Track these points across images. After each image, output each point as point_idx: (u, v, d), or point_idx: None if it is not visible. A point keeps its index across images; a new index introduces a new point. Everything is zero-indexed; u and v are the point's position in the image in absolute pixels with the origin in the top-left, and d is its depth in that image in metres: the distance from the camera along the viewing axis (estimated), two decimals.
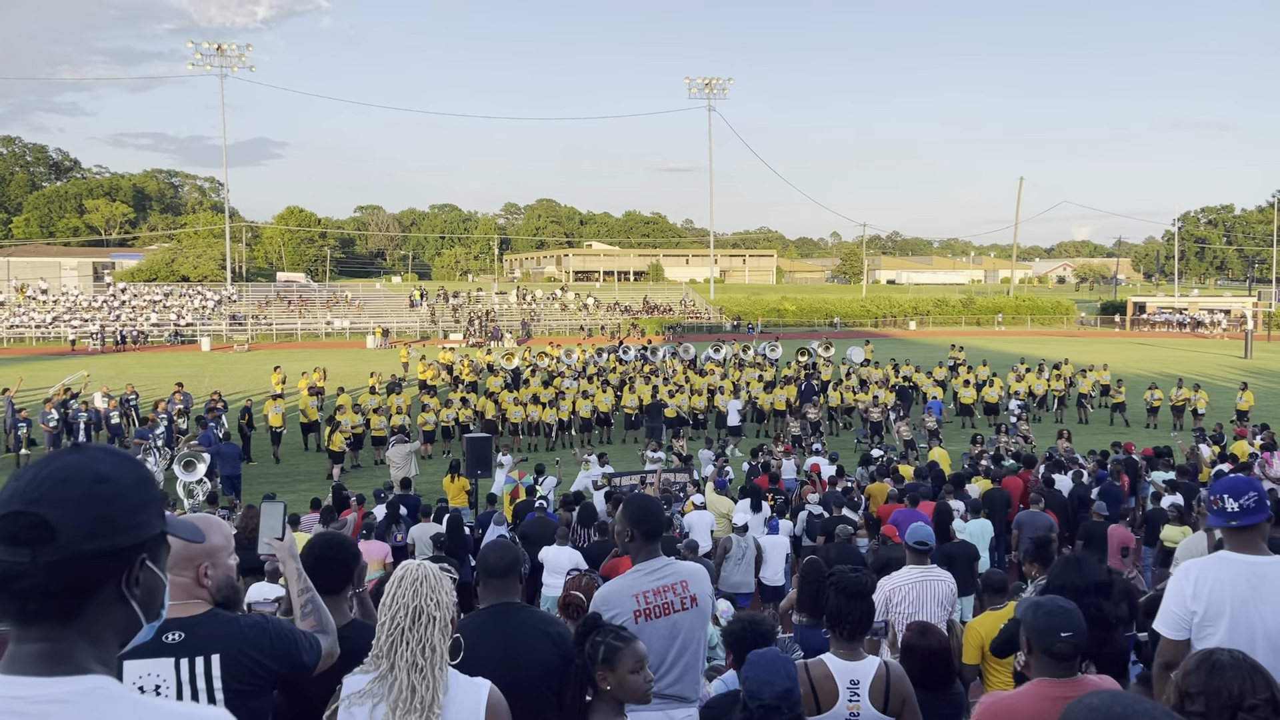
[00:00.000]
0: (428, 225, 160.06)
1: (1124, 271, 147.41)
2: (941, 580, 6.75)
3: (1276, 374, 41.79)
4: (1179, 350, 54.90)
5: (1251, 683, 2.39)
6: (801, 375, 30.12)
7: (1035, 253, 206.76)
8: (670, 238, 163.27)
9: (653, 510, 4.03)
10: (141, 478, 1.55)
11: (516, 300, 73.11)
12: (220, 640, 2.74)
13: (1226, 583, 3.66)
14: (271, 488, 19.24)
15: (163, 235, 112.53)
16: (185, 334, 58.53)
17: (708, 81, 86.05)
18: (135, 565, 1.51)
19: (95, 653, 1.48)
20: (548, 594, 10.52)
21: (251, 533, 11.62)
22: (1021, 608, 3.57)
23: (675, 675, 3.82)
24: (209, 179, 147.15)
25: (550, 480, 15.86)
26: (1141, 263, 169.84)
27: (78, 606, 1.46)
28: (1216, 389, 32.22)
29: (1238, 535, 3.75)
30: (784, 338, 47.33)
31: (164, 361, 45.53)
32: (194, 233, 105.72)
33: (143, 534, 1.52)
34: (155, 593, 1.57)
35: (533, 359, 34.50)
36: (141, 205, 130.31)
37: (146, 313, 61.57)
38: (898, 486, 13.89)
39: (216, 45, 71.99)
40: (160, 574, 1.58)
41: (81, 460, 1.50)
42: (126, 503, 1.50)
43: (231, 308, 65.13)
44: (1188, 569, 3.82)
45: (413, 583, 2.72)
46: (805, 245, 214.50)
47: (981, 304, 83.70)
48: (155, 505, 1.56)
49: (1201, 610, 3.67)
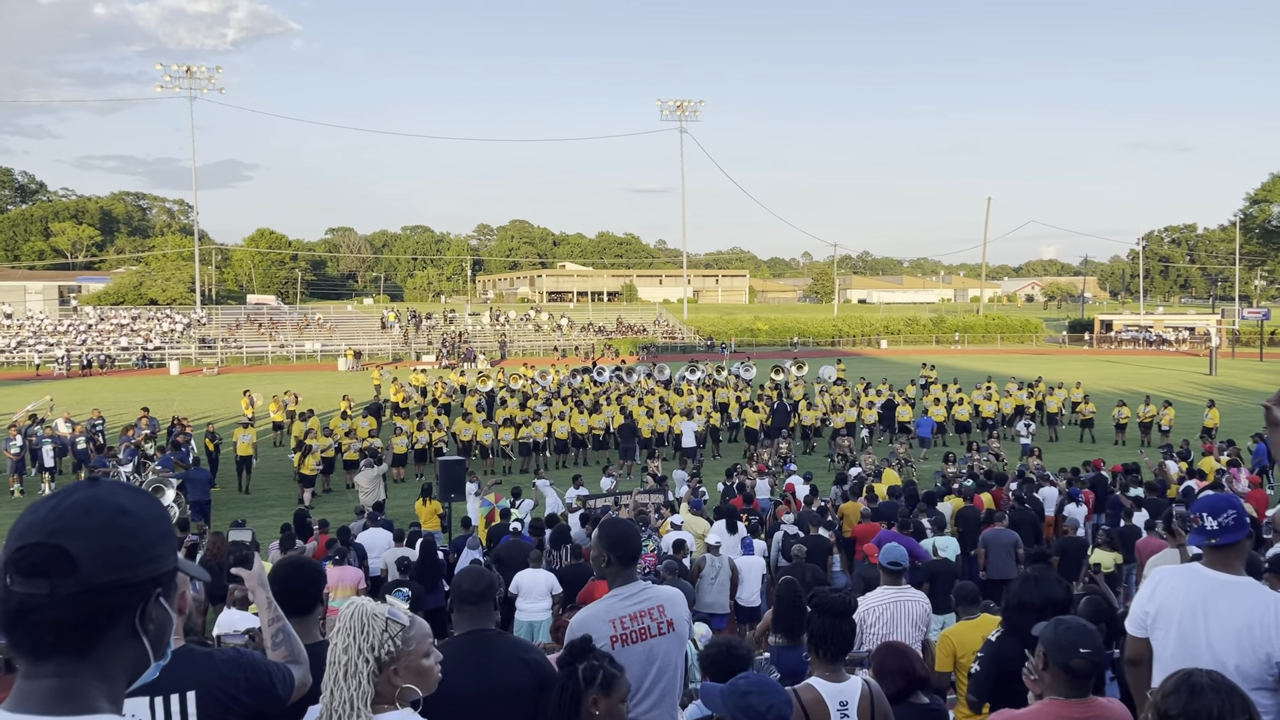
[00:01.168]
0: (400, 247, 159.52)
1: (1091, 290, 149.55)
2: (915, 600, 6.78)
3: (1241, 390, 42.43)
4: (1145, 368, 55.64)
5: (1230, 704, 2.41)
6: (775, 395, 30.21)
7: (1004, 271, 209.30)
8: (644, 258, 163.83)
9: (629, 534, 4.01)
10: (159, 512, 1.55)
11: (490, 321, 72.94)
12: (196, 676, 2.71)
13: (1181, 593, 3.77)
14: (241, 513, 18.94)
15: (130, 258, 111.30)
16: (153, 358, 57.83)
17: (679, 103, 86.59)
18: (150, 600, 1.49)
19: (105, 690, 1.46)
20: (522, 619, 10.43)
21: (221, 559, 11.47)
22: (1039, 625, 3.59)
23: (653, 701, 3.79)
24: (178, 201, 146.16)
25: (527, 504, 15.76)
26: (1108, 281, 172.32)
27: (93, 641, 1.44)
28: (1182, 405, 32.65)
29: (1216, 553, 3.81)
30: (756, 357, 47.50)
31: (131, 386, 44.94)
32: (162, 255, 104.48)
33: (160, 568, 1.51)
34: (165, 630, 1.56)
35: (507, 380, 34.41)
36: (108, 228, 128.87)
37: (114, 336, 60.82)
38: (871, 505, 13.94)
39: (185, 67, 71.60)
40: (170, 611, 1.57)
41: (101, 493, 1.50)
42: (146, 536, 1.49)
43: (201, 331, 64.46)
44: (1157, 573, 3.98)
45: (344, 629, 2.57)
46: (777, 265, 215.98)
47: (951, 323, 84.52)
48: (171, 540, 1.56)
49: (1154, 612, 3.83)
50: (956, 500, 14.61)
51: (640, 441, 25.17)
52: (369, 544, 12.82)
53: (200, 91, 71.90)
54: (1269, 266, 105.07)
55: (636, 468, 23.37)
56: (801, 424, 27.72)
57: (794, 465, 19.61)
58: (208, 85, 71.85)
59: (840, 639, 4.10)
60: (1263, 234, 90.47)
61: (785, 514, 14.15)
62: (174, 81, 71.43)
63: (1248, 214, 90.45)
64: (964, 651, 6.13)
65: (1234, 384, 45.03)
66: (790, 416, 27.26)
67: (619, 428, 25.44)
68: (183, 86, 71.52)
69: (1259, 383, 46.14)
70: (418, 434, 24.19)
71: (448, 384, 33.72)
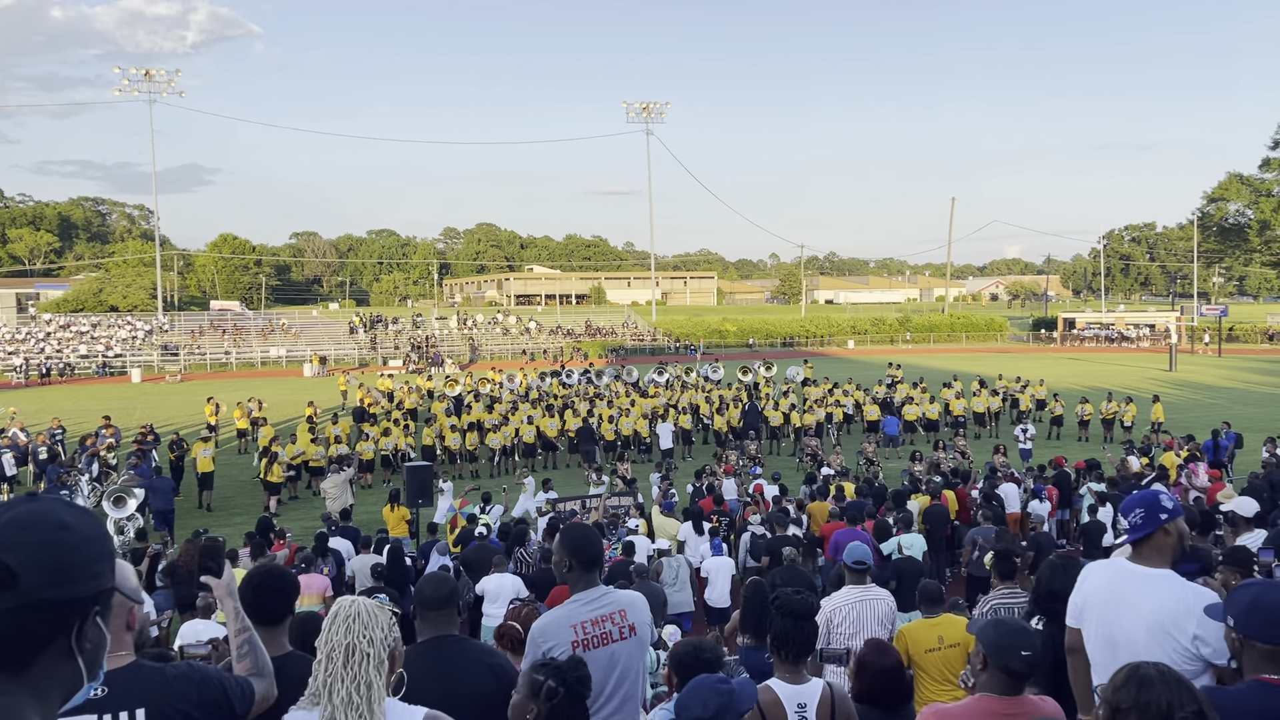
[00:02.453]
0: (365, 251, 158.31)
1: (1054, 288, 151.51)
2: (880, 599, 6.82)
3: (1200, 385, 43.17)
4: (1108, 365, 56.43)
5: (1179, 696, 2.45)
6: (744, 396, 30.30)
7: (969, 271, 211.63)
8: (611, 261, 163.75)
9: (590, 539, 4.00)
10: (100, 530, 1.53)
11: (457, 325, 72.58)
12: (145, 692, 2.65)
13: (1099, 585, 3.95)
14: (207, 522, 18.72)
15: (90, 264, 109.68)
16: (114, 365, 56.95)
17: (645, 105, 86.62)
18: (88, 618, 1.47)
19: (40, 709, 1.43)
20: (488, 624, 10.38)
21: (189, 567, 11.32)
22: (979, 625, 3.62)
23: (615, 706, 3.79)
24: (138, 206, 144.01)
25: (497, 509, 15.70)
26: (1070, 279, 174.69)
27: (29, 658, 1.42)
28: (1144, 402, 33.16)
29: (1134, 548, 3.94)
30: (724, 358, 47.63)
31: (93, 394, 44.22)
32: (123, 262, 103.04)
33: (99, 585, 1.49)
34: (100, 650, 1.53)
35: (475, 384, 34.25)
36: (67, 234, 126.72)
37: (73, 344, 59.85)
38: (839, 505, 14.03)
39: (144, 71, 70.60)
40: (105, 631, 1.54)
41: (41, 508, 1.47)
42: (87, 552, 1.47)
43: (163, 337, 63.60)
44: (1088, 567, 4.19)
45: (345, 620, 2.66)
46: (745, 267, 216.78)
47: (917, 322, 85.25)
48: (110, 559, 1.54)
49: (1081, 603, 4.01)
50: (923, 499, 14.74)
51: (606, 445, 25.16)
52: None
53: (160, 95, 70.98)
54: (1226, 264, 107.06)
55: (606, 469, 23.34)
56: (769, 425, 27.84)
57: (760, 468, 19.67)
58: (167, 89, 70.92)
59: (802, 641, 4.12)
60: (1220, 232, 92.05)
61: (753, 515, 14.19)
62: (133, 85, 70.44)
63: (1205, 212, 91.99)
64: (917, 650, 6.20)
65: (1193, 380, 45.78)
66: (759, 417, 27.37)
67: (578, 430, 25.32)
68: (142, 90, 70.54)
69: (1217, 378, 46.98)
70: (384, 439, 24.03)
71: (415, 388, 33.51)
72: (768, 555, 11.33)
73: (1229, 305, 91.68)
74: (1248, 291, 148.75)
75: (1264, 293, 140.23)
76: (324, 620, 2.74)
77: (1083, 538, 13.41)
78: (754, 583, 8.00)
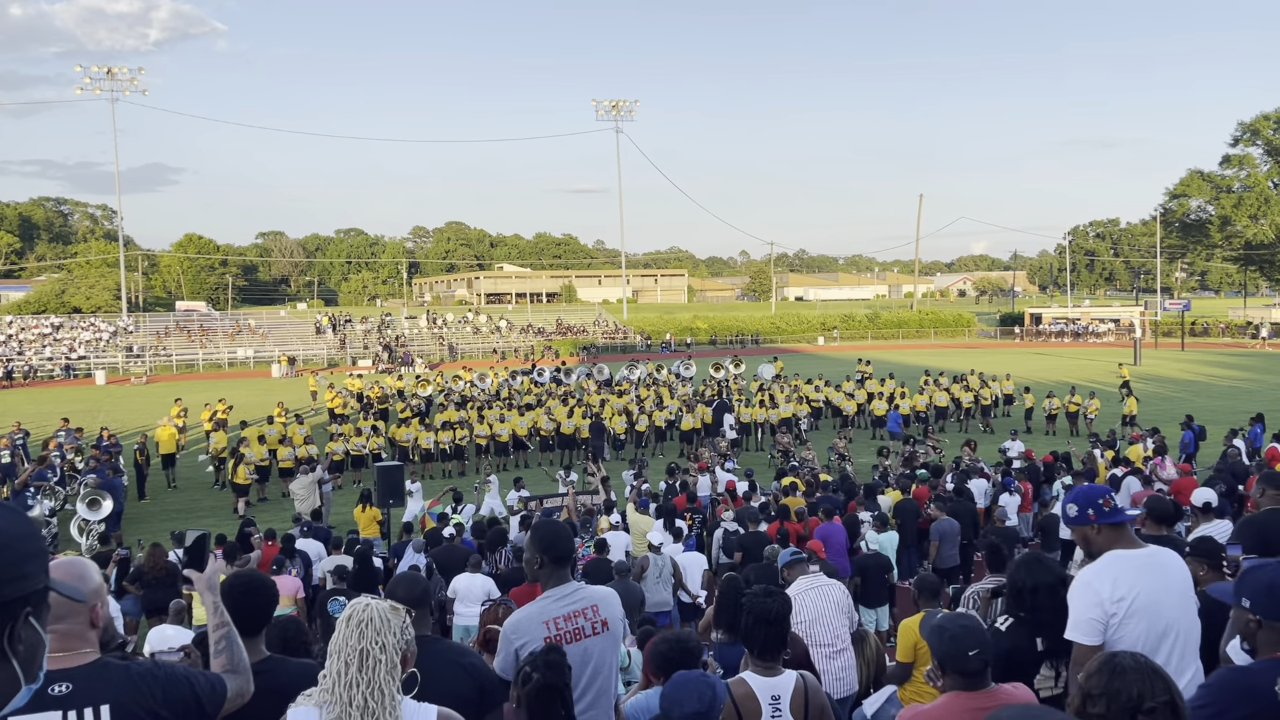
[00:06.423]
0: (333, 250, 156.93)
1: (1020, 284, 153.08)
2: (832, 586, 6.90)
3: (1164, 379, 43.81)
4: (1074, 359, 57.12)
5: (1151, 685, 2.46)
6: (714, 393, 30.36)
7: (936, 267, 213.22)
8: (582, 259, 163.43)
9: (561, 535, 4.00)
10: (29, 530, 1.49)
11: (427, 325, 72.17)
12: (110, 690, 2.60)
13: (1136, 573, 3.72)
14: (174, 525, 18.49)
15: (52, 265, 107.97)
16: (78, 368, 56.09)
17: (614, 103, 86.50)
18: (19, 620, 1.43)
19: None
20: (459, 623, 10.34)
21: (159, 571, 11.17)
22: (925, 632, 3.66)
23: (588, 701, 3.78)
24: (101, 206, 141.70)
25: (469, 508, 15.62)
26: (1036, 275, 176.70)
27: None
28: (1108, 395, 33.59)
29: (1111, 536, 3.92)
30: (697, 355, 47.69)
31: (55, 397, 43.52)
32: (85, 262, 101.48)
33: (29, 586, 1.45)
34: (36, 652, 1.49)
35: (446, 384, 34.07)
36: (28, 234, 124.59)
37: (36, 346, 58.89)
38: (810, 499, 14.08)
39: (106, 69, 69.53)
40: (41, 632, 1.50)
41: None
42: (14, 553, 1.43)
43: (128, 339, 62.72)
44: (1095, 572, 3.79)
45: (357, 625, 2.66)
46: (715, 264, 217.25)
47: (886, 318, 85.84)
48: (42, 558, 1.50)
49: (1126, 606, 3.66)
50: (895, 493, 14.83)
51: (580, 441, 25.18)
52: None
53: (122, 93, 69.94)
54: (1188, 259, 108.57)
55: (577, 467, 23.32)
56: (740, 421, 27.91)
57: (733, 463, 19.72)
58: (130, 87, 69.89)
59: (773, 643, 4.15)
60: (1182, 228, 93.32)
61: (725, 511, 14.22)
62: (94, 83, 69.36)
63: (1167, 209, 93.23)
64: (925, 642, 6.24)
65: (1157, 373, 46.46)
66: (730, 414, 27.43)
67: (590, 426, 25.41)
68: (104, 88, 69.48)
69: (1181, 371, 47.73)
70: (354, 439, 23.85)
71: (384, 388, 33.28)
72: (740, 551, 11.36)
73: (1191, 300, 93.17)
74: (1209, 286, 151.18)
75: (1225, 287, 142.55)
76: (337, 625, 2.74)
77: (1040, 533, 13.47)
78: (729, 579, 8.00)
